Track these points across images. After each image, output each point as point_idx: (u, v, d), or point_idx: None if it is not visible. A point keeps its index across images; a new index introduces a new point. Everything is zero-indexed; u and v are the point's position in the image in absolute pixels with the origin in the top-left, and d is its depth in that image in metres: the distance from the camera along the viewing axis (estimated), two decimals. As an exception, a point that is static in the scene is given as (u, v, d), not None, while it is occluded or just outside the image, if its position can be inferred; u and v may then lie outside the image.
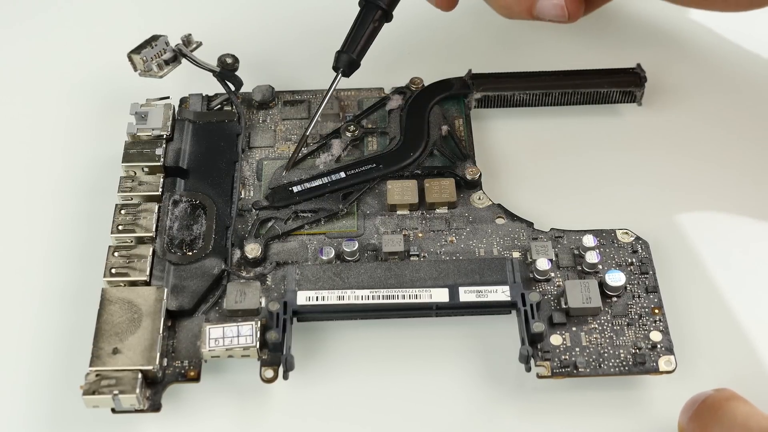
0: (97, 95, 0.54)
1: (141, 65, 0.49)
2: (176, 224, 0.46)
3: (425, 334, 0.44)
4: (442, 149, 0.49)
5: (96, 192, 0.49)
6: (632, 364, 0.42)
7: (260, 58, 0.55)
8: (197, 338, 0.42)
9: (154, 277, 0.44)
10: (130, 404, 0.40)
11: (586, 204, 0.49)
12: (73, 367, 0.43)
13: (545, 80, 0.52)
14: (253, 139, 0.50)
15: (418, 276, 0.44)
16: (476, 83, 0.52)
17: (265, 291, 0.44)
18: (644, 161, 0.51)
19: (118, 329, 0.42)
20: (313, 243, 0.46)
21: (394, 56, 0.56)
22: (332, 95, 0.50)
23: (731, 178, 0.50)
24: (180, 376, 0.42)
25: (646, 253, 0.45)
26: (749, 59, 0.55)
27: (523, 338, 0.42)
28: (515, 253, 0.45)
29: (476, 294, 0.43)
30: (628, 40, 0.56)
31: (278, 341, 0.42)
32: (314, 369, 0.44)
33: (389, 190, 0.47)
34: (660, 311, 0.43)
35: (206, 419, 0.42)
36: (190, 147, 0.49)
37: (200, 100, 0.51)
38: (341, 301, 0.43)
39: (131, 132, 0.49)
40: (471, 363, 0.44)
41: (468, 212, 0.47)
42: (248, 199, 0.48)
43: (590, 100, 0.52)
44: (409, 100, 0.51)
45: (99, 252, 0.45)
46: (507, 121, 0.52)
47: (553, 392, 0.43)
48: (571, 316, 0.43)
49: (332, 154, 0.49)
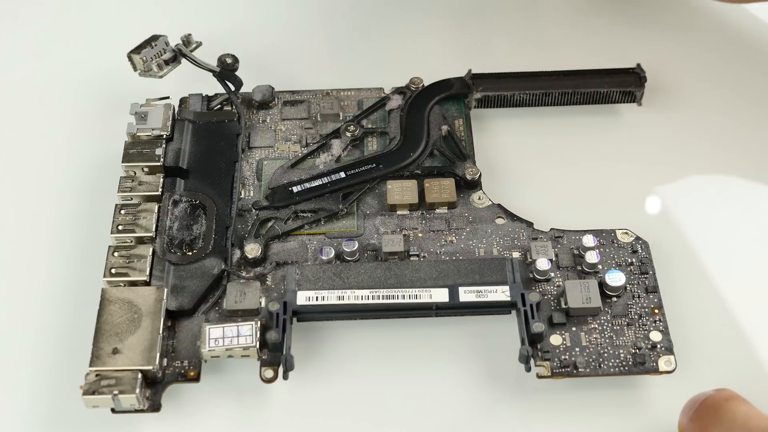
0: (97, 95, 0.54)
1: (141, 65, 0.49)
2: (176, 224, 0.46)
3: (425, 334, 0.44)
4: (442, 149, 0.49)
5: (96, 192, 0.49)
6: (632, 364, 0.42)
7: (260, 58, 0.55)
8: (197, 338, 0.42)
9: (154, 277, 0.44)
10: (130, 404, 0.40)
11: (586, 204, 0.49)
12: (73, 367, 0.43)
13: (545, 80, 0.52)
14: (253, 139, 0.50)
15: (418, 276, 0.44)
16: (476, 83, 0.52)
17: (265, 291, 0.44)
18: (644, 161, 0.51)
19: (118, 329, 0.42)
20: (313, 243, 0.46)
21: (394, 56, 0.56)
22: (332, 95, 0.51)
23: (731, 178, 0.50)
24: (180, 376, 0.42)
25: (646, 253, 0.45)
26: (749, 59, 0.55)
27: (523, 338, 0.42)
28: (515, 253, 0.45)
29: (476, 294, 0.43)
30: (628, 40, 0.56)
31: (278, 341, 0.42)
32: (314, 369, 0.44)
33: (389, 190, 0.47)
34: (660, 311, 0.43)
35: (206, 419, 0.42)
36: (190, 147, 0.49)
37: (200, 100, 0.51)
38: (341, 301, 0.43)
39: (131, 132, 0.49)
40: (471, 363, 0.44)
41: (468, 212, 0.47)
42: (248, 199, 0.48)
43: (590, 100, 0.52)
44: (409, 100, 0.51)
45: (99, 252, 0.45)
46: (507, 121, 0.52)
47: (553, 392, 0.43)
48: (571, 316, 0.43)
49: (332, 154, 0.49)
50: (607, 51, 0.55)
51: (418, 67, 0.53)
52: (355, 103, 0.52)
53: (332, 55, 0.56)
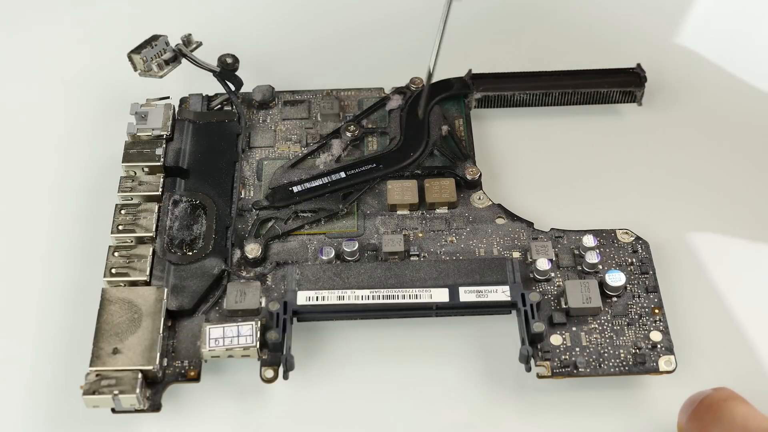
0: (97, 95, 0.54)
1: (141, 65, 0.49)
2: (176, 224, 0.46)
3: (425, 334, 0.44)
4: (442, 149, 0.49)
5: (96, 192, 0.49)
6: (632, 364, 0.42)
7: (260, 58, 0.55)
8: (197, 338, 0.42)
9: (154, 277, 0.44)
10: (130, 404, 0.40)
11: (586, 204, 0.49)
12: (73, 367, 0.43)
13: (545, 80, 0.52)
14: (253, 139, 0.50)
15: (418, 276, 0.44)
16: (476, 83, 0.52)
17: (265, 291, 0.44)
18: (644, 161, 0.51)
19: (118, 329, 0.42)
20: (313, 243, 0.46)
21: (394, 56, 0.56)
22: (332, 95, 0.51)
23: (731, 178, 0.50)
24: (180, 376, 0.42)
25: (646, 253, 0.45)
26: (749, 59, 0.55)
27: (523, 338, 0.42)
28: (515, 253, 0.45)
29: (476, 294, 0.43)
30: (628, 40, 0.56)
31: (278, 341, 0.42)
32: (314, 369, 0.44)
33: (389, 190, 0.47)
34: (660, 311, 0.43)
35: (206, 419, 0.42)
36: (190, 147, 0.49)
37: (200, 100, 0.51)
38: (341, 301, 0.43)
39: (131, 132, 0.49)
40: (471, 363, 0.44)
41: (468, 212, 0.47)
42: (248, 199, 0.48)
43: (590, 100, 0.52)
44: (409, 100, 0.51)
45: (99, 252, 0.45)
46: (507, 121, 0.52)
47: (553, 392, 0.43)
48: (571, 316, 0.43)
49: (332, 154, 0.49)
50: (607, 51, 0.55)
51: (418, 67, 0.53)
52: (355, 103, 0.52)
53: (332, 55, 0.56)
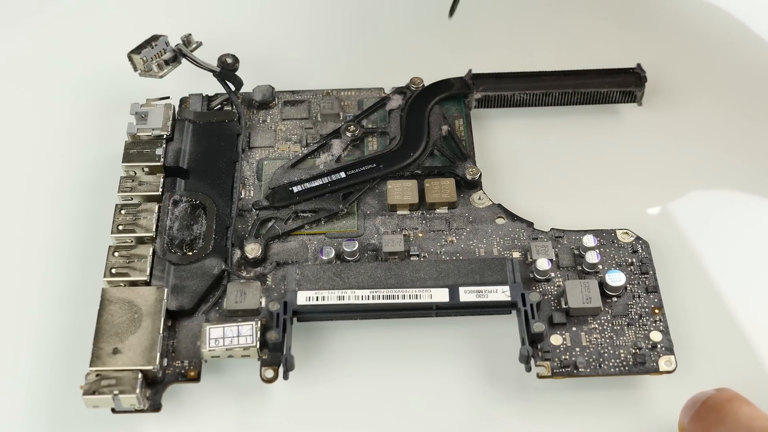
0: (97, 95, 0.54)
1: (141, 65, 0.49)
2: (176, 224, 0.46)
3: (425, 334, 0.44)
4: (442, 149, 0.49)
5: (96, 192, 0.49)
6: (632, 364, 0.42)
7: (260, 58, 0.55)
8: (197, 338, 0.42)
9: (154, 277, 0.44)
10: (130, 404, 0.40)
11: (586, 204, 0.49)
12: (73, 367, 0.43)
13: (545, 80, 0.52)
14: (253, 139, 0.50)
15: (418, 276, 0.44)
16: (476, 83, 0.52)
17: (265, 291, 0.44)
18: (644, 161, 0.51)
19: (119, 329, 0.42)
20: (313, 243, 0.46)
21: (394, 56, 0.56)
22: (332, 95, 0.51)
23: (731, 177, 0.50)
24: (180, 376, 0.42)
25: (646, 253, 0.45)
26: (749, 59, 0.55)
27: (523, 338, 0.42)
28: (515, 253, 0.45)
29: (476, 294, 0.43)
30: (628, 40, 0.56)
31: (278, 341, 0.42)
32: (314, 369, 0.44)
33: (389, 190, 0.47)
34: (660, 311, 0.43)
35: (206, 419, 0.42)
36: (190, 147, 0.49)
37: (200, 100, 0.51)
38: (341, 301, 0.43)
39: (131, 132, 0.49)
40: (471, 363, 0.44)
41: (468, 212, 0.47)
42: (248, 199, 0.48)
43: (590, 100, 0.52)
44: (409, 100, 0.51)
45: (99, 252, 0.45)
46: (507, 121, 0.52)
47: (553, 392, 0.43)
48: (571, 316, 0.43)
49: (332, 154, 0.49)
50: (607, 51, 0.55)
51: (418, 67, 0.53)
52: (355, 103, 0.52)
53: (332, 55, 0.56)
